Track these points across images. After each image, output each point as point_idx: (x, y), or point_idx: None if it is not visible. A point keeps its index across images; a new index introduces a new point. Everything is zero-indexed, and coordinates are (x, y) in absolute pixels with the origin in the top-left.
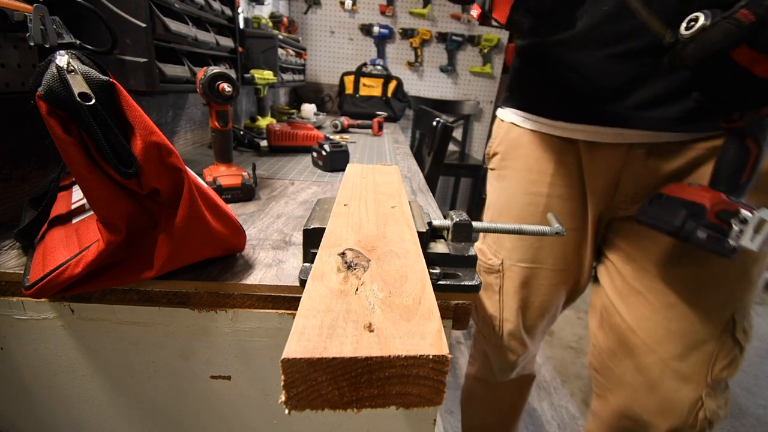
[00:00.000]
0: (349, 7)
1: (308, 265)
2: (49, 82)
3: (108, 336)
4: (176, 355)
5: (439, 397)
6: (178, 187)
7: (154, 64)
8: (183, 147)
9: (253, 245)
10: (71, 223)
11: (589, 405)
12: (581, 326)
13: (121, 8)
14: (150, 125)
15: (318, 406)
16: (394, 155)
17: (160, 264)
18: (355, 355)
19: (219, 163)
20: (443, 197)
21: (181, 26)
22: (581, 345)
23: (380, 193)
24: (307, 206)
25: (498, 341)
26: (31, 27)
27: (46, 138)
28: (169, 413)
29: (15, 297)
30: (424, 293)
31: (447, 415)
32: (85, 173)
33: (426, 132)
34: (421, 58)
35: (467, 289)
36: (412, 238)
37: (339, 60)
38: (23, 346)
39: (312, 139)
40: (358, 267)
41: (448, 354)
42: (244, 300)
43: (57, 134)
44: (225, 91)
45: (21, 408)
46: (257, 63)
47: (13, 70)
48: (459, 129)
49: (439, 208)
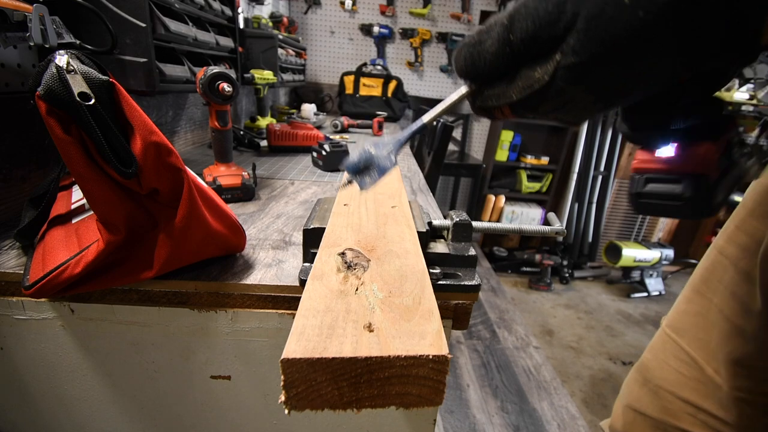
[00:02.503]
0: (349, 7)
1: (308, 265)
2: (48, 82)
3: (108, 336)
4: (176, 355)
5: (439, 397)
6: (177, 187)
7: (154, 64)
8: (183, 147)
9: (253, 245)
10: (71, 223)
11: (589, 405)
12: (581, 326)
13: (121, 8)
14: (150, 125)
15: (318, 406)
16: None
17: (160, 264)
18: (354, 355)
19: (219, 163)
20: (443, 197)
21: (181, 26)
22: (581, 345)
23: (380, 193)
24: (307, 206)
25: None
26: (31, 27)
27: (46, 138)
28: (169, 413)
29: (15, 297)
30: (424, 293)
31: (447, 415)
32: (85, 173)
33: (426, 132)
34: (421, 58)
35: (467, 289)
36: (412, 238)
37: (339, 60)
38: (23, 346)
39: (312, 139)
40: (357, 267)
41: (448, 354)
42: (244, 300)
43: (57, 134)
44: (225, 90)
45: (21, 408)
46: (257, 63)
47: (13, 70)
48: (459, 129)
49: (439, 208)
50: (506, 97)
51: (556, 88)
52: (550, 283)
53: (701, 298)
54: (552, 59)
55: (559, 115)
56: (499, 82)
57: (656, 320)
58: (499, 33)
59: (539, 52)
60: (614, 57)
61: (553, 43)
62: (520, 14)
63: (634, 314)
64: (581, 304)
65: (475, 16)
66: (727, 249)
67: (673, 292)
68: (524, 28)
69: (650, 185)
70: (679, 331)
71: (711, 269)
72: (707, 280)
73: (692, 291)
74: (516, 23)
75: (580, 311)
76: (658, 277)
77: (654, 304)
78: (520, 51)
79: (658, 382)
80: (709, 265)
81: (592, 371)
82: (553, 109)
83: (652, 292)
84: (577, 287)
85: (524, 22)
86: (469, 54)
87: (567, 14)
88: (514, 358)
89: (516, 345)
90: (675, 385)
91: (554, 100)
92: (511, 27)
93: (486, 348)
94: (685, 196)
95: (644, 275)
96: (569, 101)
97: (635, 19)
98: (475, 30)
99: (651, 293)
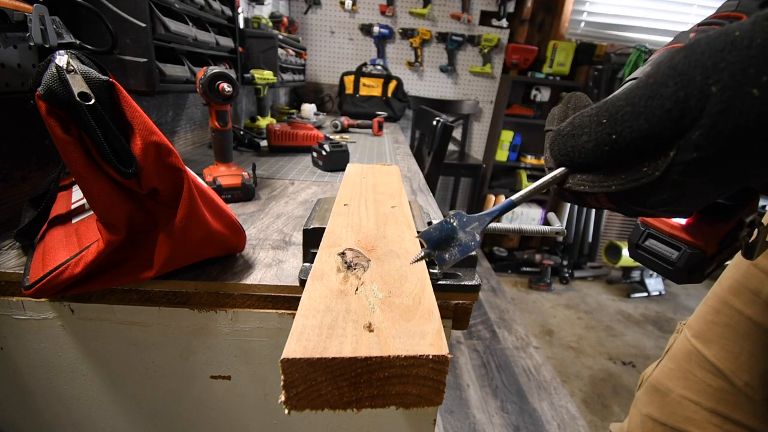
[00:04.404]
0: (349, 7)
1: (308, 264)
2: (48, 82)
3: (108, 336)
4: (176, 355)
5: (439, 397)
6: (177, 187)
7: (154, 64)
8: (183, 147)
9: (253, 245)
10: (71, 223)
11: (589, 405)
12: (581, 326)
13: (121, 8)
14: (150, 125)
15: (318, 406)
16: (394, 155)
17: (160, 264)
18: (354, 355)
19: (219, 163)
20: (443, 197)
21: (181, 26)
22: (581, 345)
23: (380, 193)
24: (307, 206)
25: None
26: (31, 27)
27: (46, 138)
28: (169, 413)
29: (15, 297)
30: (424, 293)
31: (447, 415)
32: (84, 173)
33: (426, 132)
34: (421, 58)
35: (467, 289)
36: (412, 238)
37: (339, 60)
38: (23, 346)
39: (312, 139)
40: (357, 267)
41: (448, 354)
42: (244, 300)
43: (57, 134)
44: (225, 90)
45: (21, 408)
46: (257, 63)
47: (13, 70)
48: (459, 129)
49: (439, 208)
50: (603, 187)
51: (669, 182)
52: (550, 283)
53: (730, 310)
54: (665, 155)
55: (672, 208)
56: (596, 171)
57: (656, 320)
58: (597, 131)
59: (650, 149)
60: (741, 150)
61: (669, 141)
62: (626, 113)
63: (634, 314)
64: (581, 304)
65: (475, 16)
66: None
67: (672, 292)
68: (634, 128)
69: (650, 241)
70: (706, 342)
71: (743, 281)
72: (738, 292)
73: (720, 302)
74: (621, 123)
75: (580, 311)
76: (658, 278)
77: (654, 305)
78: (628, 150)
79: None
80: (741, 277)
81: (592, 371)
82: (666, 202)
83: (652, 293)
84: (577, 287)
85: (633, 122)
86: (562, 144)
87: (692, 111)
88: (514, 358)
89: (516, 345)
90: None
91: (666, 193)
92: (613, 126)
93: (486, 348)
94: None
95: (644, 275)
96: (685, 194)
97: (766, 111)
98: (558, 113)
99: (651, 293)
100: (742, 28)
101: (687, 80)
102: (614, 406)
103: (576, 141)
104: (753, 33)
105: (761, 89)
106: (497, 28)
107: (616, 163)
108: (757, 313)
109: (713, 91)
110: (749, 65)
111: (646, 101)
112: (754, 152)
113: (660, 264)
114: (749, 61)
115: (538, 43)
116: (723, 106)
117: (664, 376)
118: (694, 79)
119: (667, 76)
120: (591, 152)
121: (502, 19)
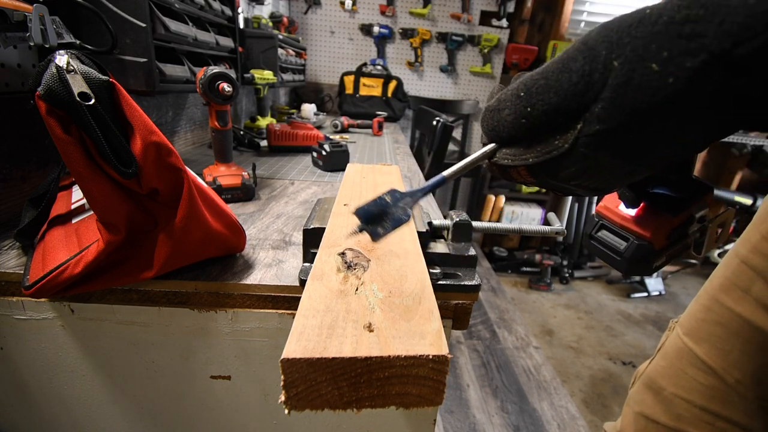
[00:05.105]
0: (349, 7)
1: (308, 265)
2: (48, 82)
3: (108, 336)
4: (176, 355)
5: (439, 397)
6: (177, 187)
7: (154, 64)
8: (183, 147)
9: (253, 245)
10: (71, 223)
11: (589, 405)
12: (581, 326)
13: (121, 8)
14: (150, 125)
15: (318, 406)
16: (394, 155)
17: (160, 264)
18: (354, 355)
19: (219, 163)
20: (443, 197)
21: (181, 26)
22: (581, 345)
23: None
24: (307, 206)
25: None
26: (31, 27)
27: (46, 138)
28: (169, 413)
29: (15, 297)
30: (424, 293)
31: (447, 415)
32: (84, 173)
33: (426, 132)
34: (421, 58)
35: (467, 289)
36: (412, 238)
37: (339, 60)
38: (23, 346)
39: (312, 139)
40: (357, 267)
41: (448, 354)
42: (243, 300)
43: (57, 134)
44: (225, 90)
45: (21, 408)
46: (257, 63)
47: (13, 70)
48: (459, 129)
49: (439, 208)
50: (522, 160)
51: (577, 154)
52: (550, 283)
53: (721, 308)
54: (573, 128)
55: (583, 182)
56: (517, 144)
57: (656, 320)
58: (516, 105)
59: (560, 121)
60: (641, 124)
61: (576, 114)
62: (539, 86)
63: (634, 314)
64: (581, 304)
65: (475, 16)
66: (753, 260)
67: (672, 292)
68: (545, 101)
69: (602, 232)
70: (698, 340)
71: (733, 279)
72: (728, 289)
73: (710, 299)
74: (535, 96)
75: (580, 311)
76: (658, 278)
77: (654, 304)
78: (540, 122)
79: (674, 390)
80: (731, 275)
81: (592, 371)
82: (576, 175)
83: (652, 292)
84: (577, 287)
85: (545, 95)
86: (489, 118)
87: (596, 85)
88: (514, 358)
89: (516, 345)
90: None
91: (575, 166)
92: (528, 99)
93: (486, 348)
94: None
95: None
96: (592, 167)
97: (664, 86)
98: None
99: (651, 293)
100: (655, 7)
101: (593, 54)
102: (614, 406)
103: (500, 115)
104: (662, 10)
105: (661, 64)
106: (497, 28)
107: (532, 135)
108: (747, 310)
109: (615, 66)
110: (652, 41)
111: (557, 75)
112: (653, 126)
113: (609, 254)
114: (652, 37)
115: (538, 43)
116: (623, 80)
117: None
118: (600, 53)
119: (578, 50)
120: (511, 125)
121: (502, 19)
